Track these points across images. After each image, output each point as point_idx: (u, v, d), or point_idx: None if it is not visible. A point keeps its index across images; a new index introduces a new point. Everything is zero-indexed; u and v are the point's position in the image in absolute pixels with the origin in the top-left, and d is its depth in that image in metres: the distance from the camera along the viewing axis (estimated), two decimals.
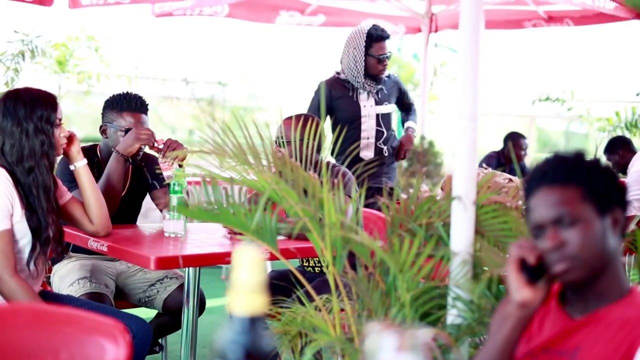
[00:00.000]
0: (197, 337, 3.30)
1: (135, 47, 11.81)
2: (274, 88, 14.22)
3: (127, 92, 3.74)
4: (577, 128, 13.60)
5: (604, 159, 6.94)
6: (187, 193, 3.43)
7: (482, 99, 2.47)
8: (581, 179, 1.64)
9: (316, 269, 3.75)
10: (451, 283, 2.52)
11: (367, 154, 5.22)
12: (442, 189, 2.86)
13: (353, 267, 2.76)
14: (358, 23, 8.00)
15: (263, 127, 2.75)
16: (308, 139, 2.88)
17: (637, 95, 9.17)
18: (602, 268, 1.64)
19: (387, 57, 5.18)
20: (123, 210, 3.69)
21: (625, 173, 6.76)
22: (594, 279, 1.64)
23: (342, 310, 2.62)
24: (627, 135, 9.56)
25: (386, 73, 5.28)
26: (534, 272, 1.67)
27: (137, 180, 3.83)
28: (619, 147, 7.01)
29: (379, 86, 5.24)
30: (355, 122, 5.17)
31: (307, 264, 3.81)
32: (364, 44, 5.10)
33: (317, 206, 2.62)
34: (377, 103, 5.28)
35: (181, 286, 3.57)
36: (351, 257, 2.79)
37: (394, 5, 7.58)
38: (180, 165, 3.47)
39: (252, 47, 15.17)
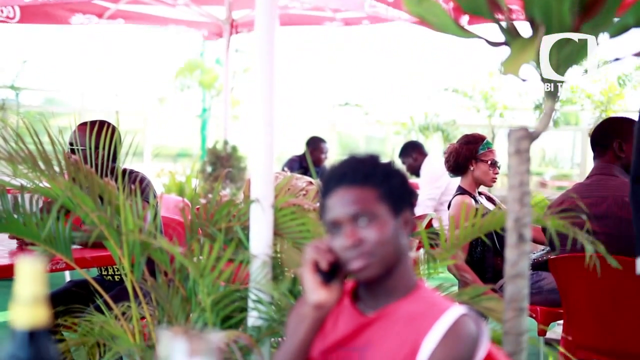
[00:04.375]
0: None
1: None
2: (72, 93, 13.73)
3: None
4: (375, 132, 14.13)
5: (399, 162, 7.27)
6: None
7: (282, 103, 2.51)
8: (378, 181, 1.70)
9: (116, 277, 3.66)
10: (251, 285, 2.54)
11: None
12: (244, 193, 2.88)
13: (152, 274, 2.72)
14: (159, 25, 7.92)
15: (57, 132, 2.65)
16: (104, 145, 2.80)
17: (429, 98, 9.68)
18: (394, 265, 1.71)
19: None
20: None
21: (418, 175, 7.13)
22: (387, 276, 1.70)
23: (142, 318, 2.57)
24: (421, 138, 10.09)
25: None
26: (327, 272, 1.72)
27: None
28: (413, 151, 7.38)
29: None
30: None
31: (106, 273, 3.70)
32: None
33: (113, 213, 2.56)
34: None
35: None
36: (150, 264, 2.74)
37: (195, 11, 7.54)
38: None
39: (48, 50, 14.58)
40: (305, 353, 1.71)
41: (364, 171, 1.70)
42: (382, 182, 1.70)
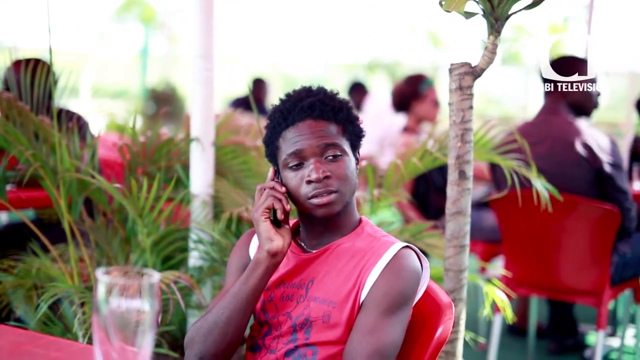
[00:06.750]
0: None
1: None
2: (6, 30, 13.32)
3: None
4: (321, 72, 14.05)
5: None
6: None
7: (223, 41, 2.44)
8: (343, 117, 1.72)
9: (53, 218, 3.57)
10: (192, 225, 2.51)
11: None
12: (185, 131, 2.82)
13: (91, 214, 2.66)
14: None
15: None
16: (39, 83, 2.71)
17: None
18: (348, 203, 1.71)
19: None
20: None
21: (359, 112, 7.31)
22: (338, 214, 1.69)
23: (81, 259, 2.52)
24: (367, 76, 10.14)
25: None
26: (276, 217, 1.68)
27: None
28: (356, 89, 7.82)
29: None
30: None
31: (43, 214, 3.62)
32: None
33: (49, 151, 2.48)
34: None
35: None
36: (89, 204, 2.68)
37: None
38: None
39: None
40: (257, 298, 1.68)
41: (332, 106, 1.70)
42: (346, 119, 1.72)
